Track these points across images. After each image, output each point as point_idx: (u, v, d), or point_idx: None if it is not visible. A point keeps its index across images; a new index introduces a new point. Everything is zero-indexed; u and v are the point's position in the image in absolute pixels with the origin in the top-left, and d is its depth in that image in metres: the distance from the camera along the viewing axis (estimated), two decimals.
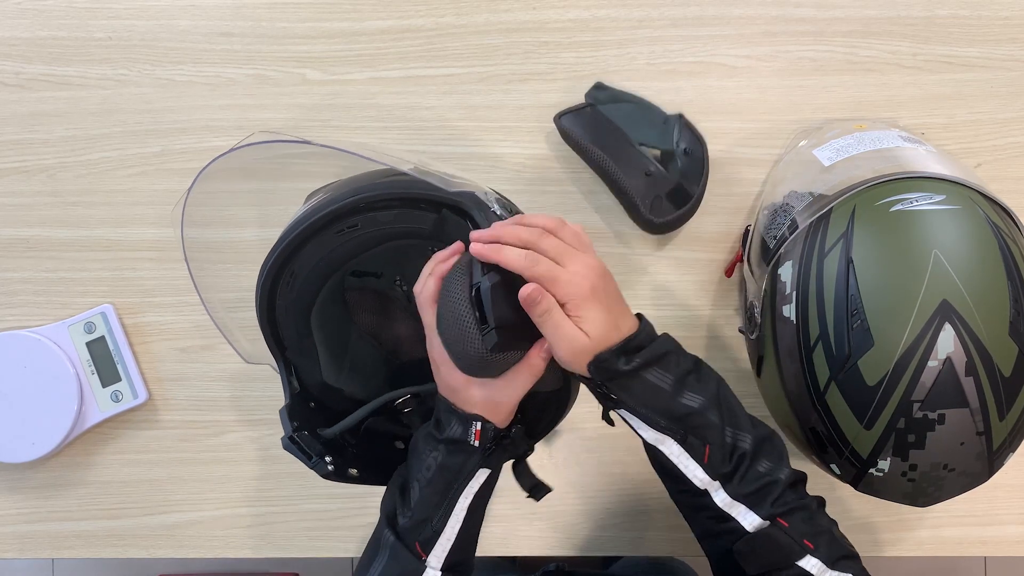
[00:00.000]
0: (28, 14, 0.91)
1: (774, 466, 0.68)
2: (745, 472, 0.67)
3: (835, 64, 0.88)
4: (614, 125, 0.86)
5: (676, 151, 0.86)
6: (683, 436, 0.67)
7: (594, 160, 0.86)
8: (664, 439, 0.67)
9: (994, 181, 0.83)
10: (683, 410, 0.67)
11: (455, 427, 0.68)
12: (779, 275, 0.74)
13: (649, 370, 0.66)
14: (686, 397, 0.67)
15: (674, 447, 0.67)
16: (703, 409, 0.67)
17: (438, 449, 0.69)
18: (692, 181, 0.86)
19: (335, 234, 0.74)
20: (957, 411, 0.64)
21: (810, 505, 0.69)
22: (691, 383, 0.67)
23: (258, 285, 0.73)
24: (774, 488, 0.67)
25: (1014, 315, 0.65)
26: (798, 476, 0.70)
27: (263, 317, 0.74)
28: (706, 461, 0.67)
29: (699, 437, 0.67)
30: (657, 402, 0.67)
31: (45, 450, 0.90)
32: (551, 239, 0.66)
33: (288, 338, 0.76)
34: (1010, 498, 0.90)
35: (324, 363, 0.79)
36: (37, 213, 0.92)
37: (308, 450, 0.72)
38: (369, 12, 0.89)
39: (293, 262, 0.74)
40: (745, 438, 0.67)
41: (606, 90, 0.88)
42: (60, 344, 0.91)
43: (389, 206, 0.73)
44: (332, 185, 0.78)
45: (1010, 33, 0.87)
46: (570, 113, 0.87)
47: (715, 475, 0.67)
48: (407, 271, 0.83)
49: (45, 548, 0.94)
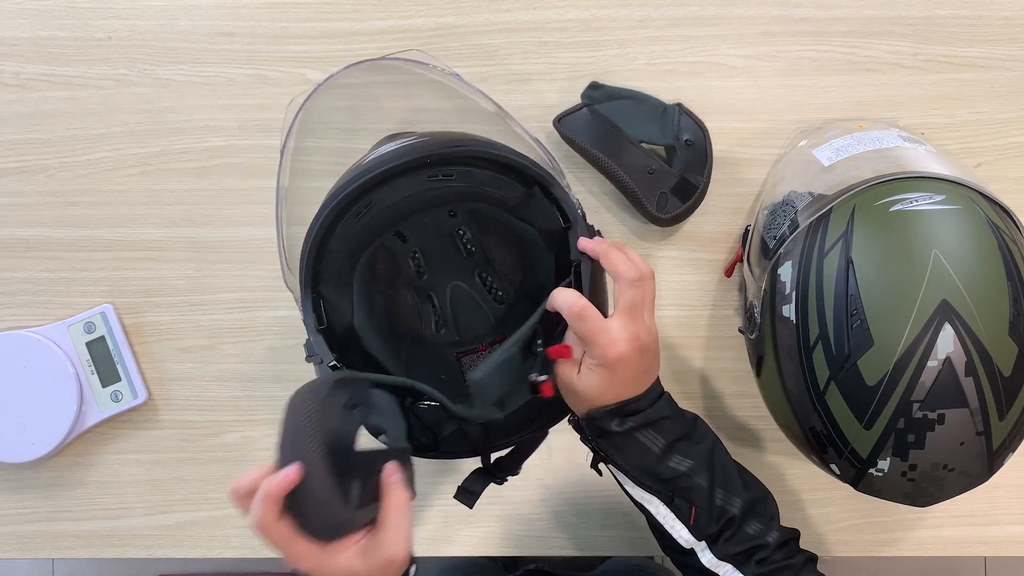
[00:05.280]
0: (28, 14, 0.91)
1: (764, 528, 0.69)
2: (732, 534, 0.68)
3: (835, 64, 0.88)
4: (612, 124, 0.86)
5: (678, 144, 0.86)
6: (669, 497, 0.69)
7: (596, 162, 0.86)
8: (651, 499, 0.69)
9: (994, 181, 0.84)
10: (670, 473, 0.68)
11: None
12: (779, 275, 0.74)
13: (641, 432, 0.68)
14: (674, 460, 0.68)
15: (660, 507, 0.69)
16: (691, 472, 0.68)
17: None
18: (696, 171, 0.86)
19: (428, 178, 0.72)
20: (957, 411, 0.64)
21: (796, 564, 0.70)
22: (682, 447, 0.69)
23: (329, 202, 0.68)
24: (761, 550, 0.68)
25: (1014, 315, 0.65)
26: (789, 535, 0.71)
27: (316, 239, 0.69)
28: (692, 522, 0.68)
29: (685, 499, 0.68)
30: (645, 463, 0.68)
31: (45, 450, 0.90)
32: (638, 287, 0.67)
33: (330, 270, 0.72)
34: (1010, 498, 0.90)
35: (357, 305, 0.76)
36: (37, 213, 0.92)
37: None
38: (369, 12, 0.89)
39: (376, 192, 0.71)
40: (735, 501, 0.69)
41: (601, 88, 0.88)
42: (60, 344, 0.91)
43: (489, 167, 0.72)
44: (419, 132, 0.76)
45: (1010, 33, 0.87)
46: (568, 116, 0.87)
47: (700, 536, 0.68)
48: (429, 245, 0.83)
49: (45, 548, 0.94)
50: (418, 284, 0.85)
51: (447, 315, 0.86)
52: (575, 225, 0.72)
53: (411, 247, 0.83)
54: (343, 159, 0.89)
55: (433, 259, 0.84)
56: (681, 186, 0.85)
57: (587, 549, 0.92)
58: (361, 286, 0.77)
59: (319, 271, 0.72)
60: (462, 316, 0.86)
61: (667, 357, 0.91)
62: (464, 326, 0.86)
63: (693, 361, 0.91)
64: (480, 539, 0.93)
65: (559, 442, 0.91)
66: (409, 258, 0.84)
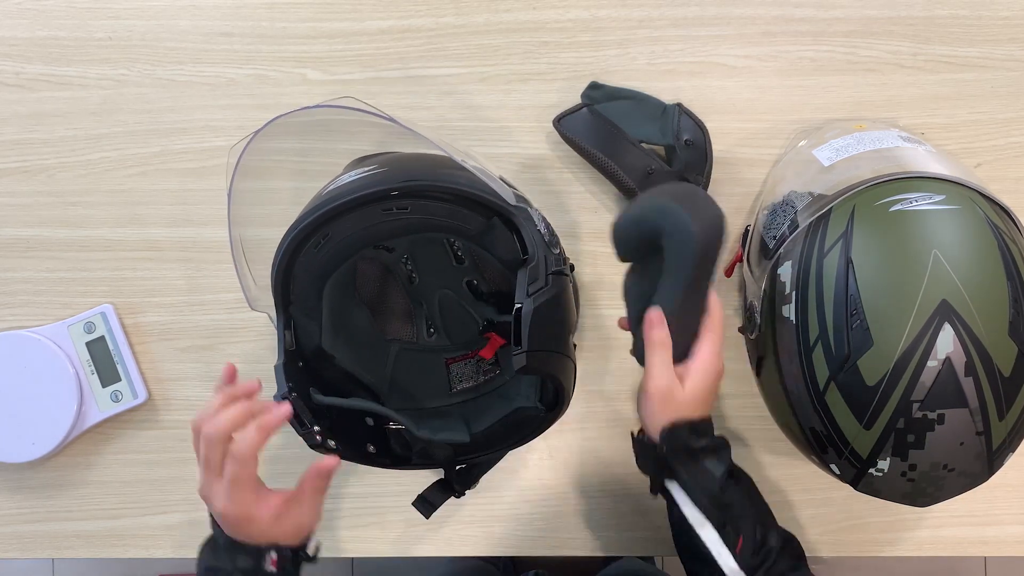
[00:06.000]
0: (28, 14, 0.91)
1: (795, 565, 0.71)
2: (769, 568, 0.70)
3: (835, 64, 0.88)
4: (612, 125, 0.86)
5: (677, 144, 0.86)
6: (722, 524, 0.71)
7: (596, 162, 0.86)
8: (704, 523, 0.71)
9: (994, 181, 0.83)
10: (728, 499, 0.71)
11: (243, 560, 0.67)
12: (779, 275, 0.74)
13: (708, 456, 0.71)
14: (730, 489, 0.71)
15: (712, 533, 0.71)
16: (742, 501, 0.72)
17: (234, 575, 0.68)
18: (696, 171, 0.86)
19: (383, 211, 0.73)
20: (957, 411, 0.64)
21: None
22: (733, 481, 0.72)
23: (288, 234, 0.71)
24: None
25: (1014, 315, 0.65)
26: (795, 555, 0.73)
27: (281, 265, 0.72)
28: (738, 552, 0.70)
29: (735, 528, 0.70)
30: (709, 486, 0.71)
31: (45, 450, 0.90)
32: None
33: (297, 294, 0.75)
34: (1010, 498, 0.90)
35: (325, 326, 0.78)
36: (37, 213, 0.92)
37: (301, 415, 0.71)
38: (369, 12, 0.89)
39: (332, 224, 0.73)
40: (773, 536, 0.71)
41: (601, 88, 0.88)
42: (60, 344, 0.91)
43: (445, 198, 0.72)
44: (385, 157, 0.77)
45: (1010, 33, 0.87)
46: (568, 116, 0.87)
47: (744, 566, 0.70)
48: (418, 253, 0.84)
49: (45, 548, 0.94)
50: (410, 289, 0.85)
51: (436, 320, 0.87)
52: (533, 259, 0.71)
53: (401, 253, 0.84)
54: None
55: (424, 266, 0.85)
56: None
57: (588, 550, 0.92)
58: (333, 304, 0.79)
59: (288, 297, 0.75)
60: (452, 323, 0.87)
61: None
62: (454, 332, 0.87)
63: None
64: (481, 539, 0.92)
65: (559, 442, 0.91)
66: (400, 263, 0.85)
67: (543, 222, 0.74)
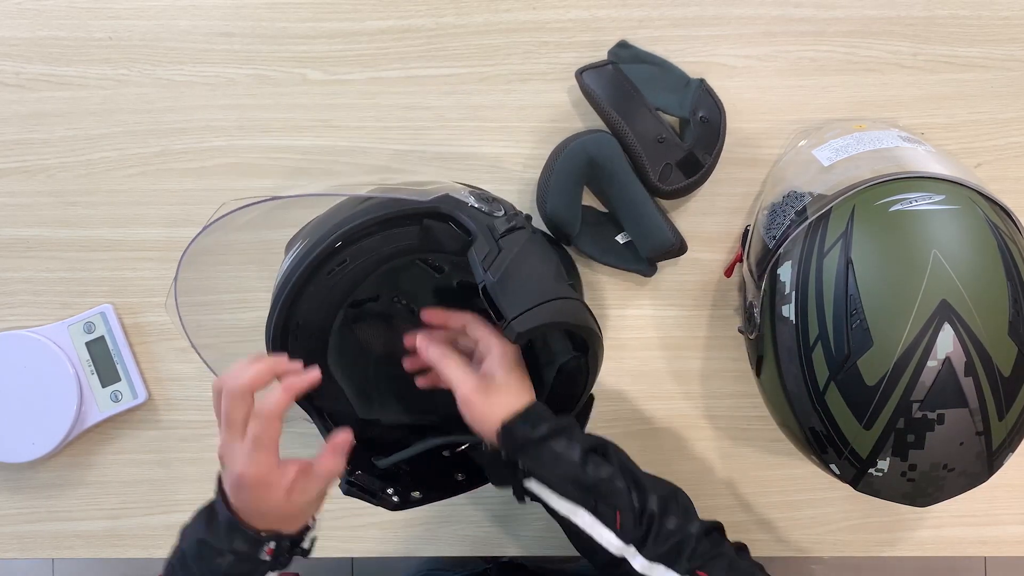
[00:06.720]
0: (28, 14, 0.91)
1: (682, 522, 0.69)
2: (657, 533, 0.68)
3: (835, 64, 0.88)
4: (633, 86, 0.85)
5: (693, 118, 0.85)
6: (594, 505, 0.69)
7: (609, 120, 0.85)
8: (576, 509, 0.69)
9: (994, 181, 0.84)
10: (592, 479, 0.69)
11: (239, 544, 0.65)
12: (778, 275, 0.74)
13: (556, 439, 0.69)
14: (592, 466, 0.69)
15: (586, 517, 0.69)
16: (611, 477, 0.69)
17: (224, 555, 0.65)
18: (706, 150, 0.85)
19: (327, 276, 0.73)
20: (956, 411, 0.64)
21: (728, 553, 0.70)
22: (596, 456, 0.70)
23: (268, 348, 0.73)
24: (687, 543, 0.68)
25: (1013, 315, 0.65)
26: (711, 526, 0.71)
27: None
28: (618, 527, 0.68)
29: (609, 504, 0.68)
30: (567, 471, 0.69)
31: (45, 450, 0.90)
32: None
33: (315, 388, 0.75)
34: (1010, 498, 0.90)
35: (353, 400, 0.79)
36: (37, 213, 0.92)
37: (369, 488, 0.72)
38: (369, 12, 0.89)
39: (295, 316, 0.73)
40: (652, 499, 0.69)
41: (630, 49, 0.87)
42: (60, 344, 0.91)
43: (370, 233, 0.72)
44: (308, 227, 0.77)
45: (1010, 33, 0.87)
46: (592, 70, 0.86)
47: (628, 540, 0.68)
48: (401, 286, 0.83)
49: (45, 548, 0.94)
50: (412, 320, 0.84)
51: None
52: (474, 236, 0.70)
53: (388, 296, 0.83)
54: None
55: (414, 293, 0.84)
56: (688, 161, 0.84)
57: None
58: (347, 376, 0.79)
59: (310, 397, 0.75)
60: None
61: (667, 357, 0.91)
62: None
63: (693, 361, 0.91)
64: (481, 539, 0.93)
65: None
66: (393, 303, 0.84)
67: (473, 195, 0.74)
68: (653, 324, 0.90)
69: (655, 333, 0.91)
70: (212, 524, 0.66)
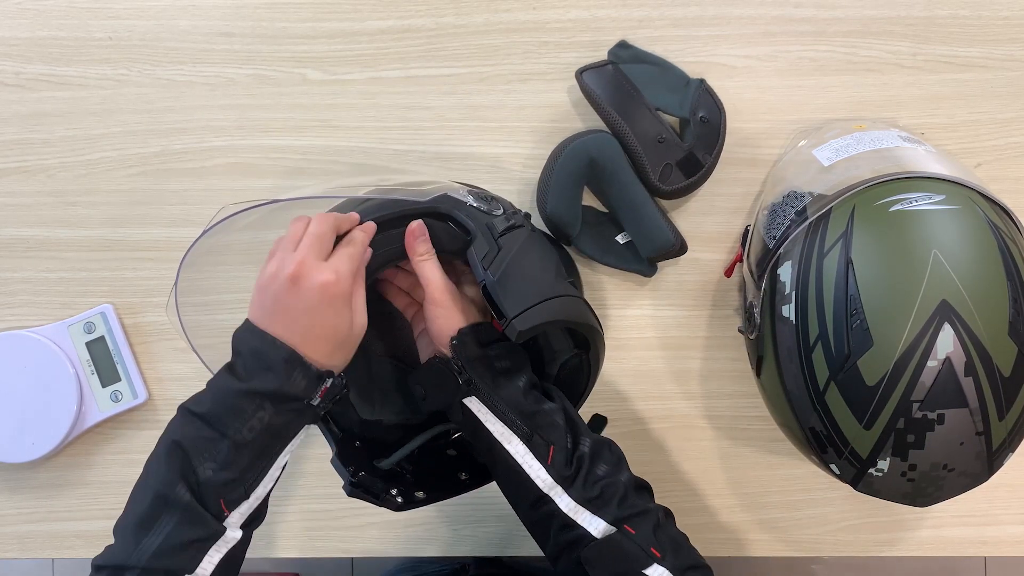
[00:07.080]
0: (28, 14, 0.91)
1: (612, 469, 0.69)
2: (586, 475, 0.68)
3: (835, 64, 0.88)
4: (633, 86, 0.85)
5: (693, 119, 0.85)
6: (529, 435, 0.68)
7: (609, 120, 0.85)
8: (511, 436, 0.69)
9: (994, 181, 0.84)
10: (532, 408, 0.69)
11: (298, 382, 0.64)
12: (778, 275, 0.74)
13: (503, 360, 0.70)
14: (533, 398, 0.69)
15: (519, 446, 0.69)
16: (552, 411, 0.69)
17: (264, 408, 0.64)
18: (705, 150, 0.85)
19: None
20: (956, 411, 0.64)
21: (657, 512, 0.69)
22: (539, 392, 0.70)
23: None
24: (616, 490, 0.68)
25: (1013, 315, 0.65)
26: (641, 483, 0.71)
27: None
28: (550, 462, 0.68)
29: (544, 438, 0.68)
30: (510, 395, 0.69)
31: (45, 450, 0.90)
32: None
33: None
34: (1010, 498, 0.90)
35: (355, 401, 0.79)
36: (37, 213, 0.92)
37: (372, 490, 0.72)
38: (369, 12, 0.89)
39: None
40: (585, 442, 0.69)
41: (630, 49, 0.87)
42: (60, 344, 0.91)
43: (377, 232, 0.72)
44: None
45: (1010, 33, 0.87)
46: (592, 70, 0.86)
47: (558, 478, 0.68)
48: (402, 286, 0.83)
49: (45, 548, 0.94)
50: None
51: None
52: (474, 236, 0.71)
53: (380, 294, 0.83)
54: None
55: None
56: (688, 161, 0.85)
57: None
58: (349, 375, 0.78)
59: None
60: None
61: (667, 357, 0.91)
62: None
63: (693, 361, 0.91)
64: (481, 539, 0.93)
65: None
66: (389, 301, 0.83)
67: (471, 194, 0.74)
68: (653, 324, 0.90)
69: (655, 333, 0.91)
70: (259, 367, 0.65)
